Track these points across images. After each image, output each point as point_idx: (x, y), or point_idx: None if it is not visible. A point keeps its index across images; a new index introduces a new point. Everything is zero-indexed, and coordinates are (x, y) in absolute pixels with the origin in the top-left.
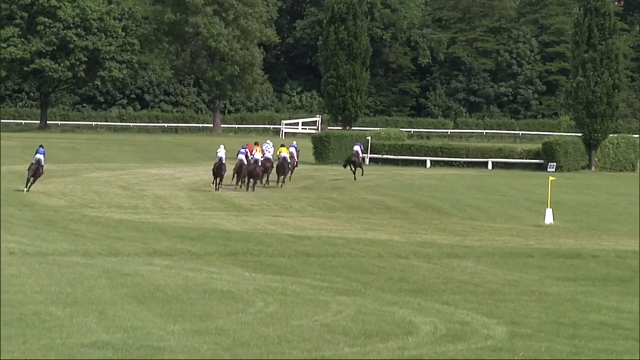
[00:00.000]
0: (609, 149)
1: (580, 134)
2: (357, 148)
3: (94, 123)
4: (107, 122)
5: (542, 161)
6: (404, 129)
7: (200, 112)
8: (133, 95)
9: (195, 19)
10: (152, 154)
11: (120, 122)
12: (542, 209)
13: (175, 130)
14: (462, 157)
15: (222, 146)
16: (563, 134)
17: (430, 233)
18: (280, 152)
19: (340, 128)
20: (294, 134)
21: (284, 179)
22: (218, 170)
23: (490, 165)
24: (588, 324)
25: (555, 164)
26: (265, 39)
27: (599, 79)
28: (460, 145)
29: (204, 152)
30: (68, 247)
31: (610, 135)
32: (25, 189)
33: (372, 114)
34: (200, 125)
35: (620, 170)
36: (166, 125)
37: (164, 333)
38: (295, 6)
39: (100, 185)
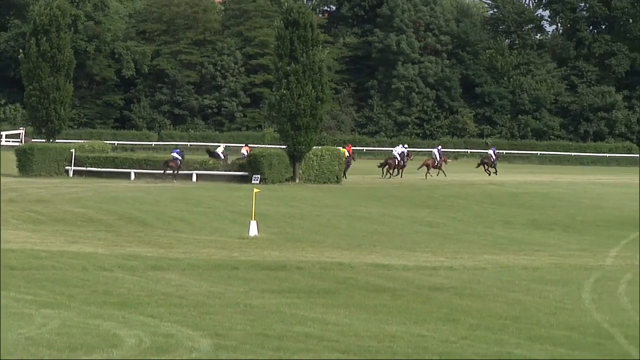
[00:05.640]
0: (313, 161)
1: (284, 146)
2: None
3: None
4: None
5: (246, 173)
6: (108, 141)
7: None
8: None
9: None
10: None
11: None
12: (247, 221)
13: None
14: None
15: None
16: (267, 146)
17: (135, 245)
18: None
19: (44, 140)
20: None
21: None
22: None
23: (194, 178)
24: (293, 335)
25: (259, 176)
26: None
27: (302, 92)
28: (164, 157)
29: None
30: None
31: (315, 147)
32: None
33: (76, 127)
34: None
35: (325, 183)
36: None
37: None
38: None
39: None
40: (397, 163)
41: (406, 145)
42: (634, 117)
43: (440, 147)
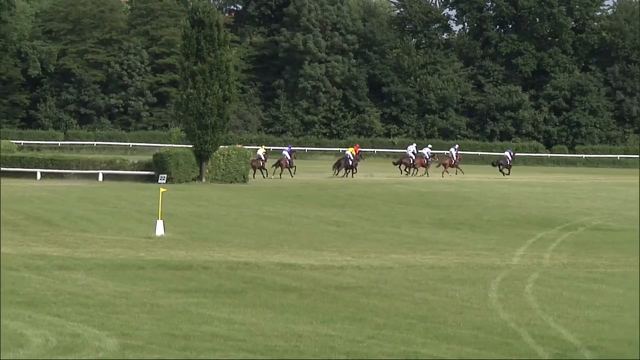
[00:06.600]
0: (219, 160)
1: (191, 146)
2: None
3: None
4: None
5: (153, 173)
6: (14, 141)
7: None
8: None
9: None
10: None
11: None
12: (153, 221)
13: None
14: (73, 169)
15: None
16: (174, 145)
17: (41, 245)
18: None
19: None
20: None
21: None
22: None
23: (101, 177)
24: (200, 335)
25: (166, 175)
26: None
27: (209, 91)
28: (70, 157)
29: None
30: None
31: (221, 146)
32: (272, 176)
33: None
34: None
35: (231, 182)
36: None
37: None
38: None
39: None
40: (412, 162)
41: (430, 146)
42: (541, 116)
43: (457, 146)
